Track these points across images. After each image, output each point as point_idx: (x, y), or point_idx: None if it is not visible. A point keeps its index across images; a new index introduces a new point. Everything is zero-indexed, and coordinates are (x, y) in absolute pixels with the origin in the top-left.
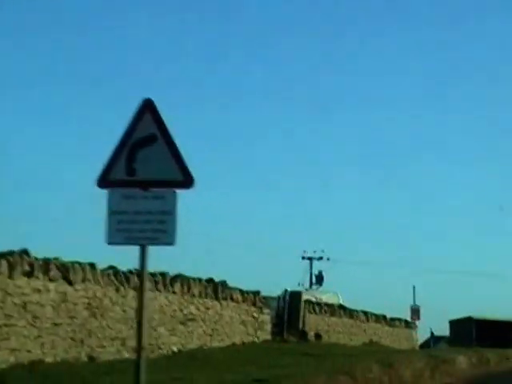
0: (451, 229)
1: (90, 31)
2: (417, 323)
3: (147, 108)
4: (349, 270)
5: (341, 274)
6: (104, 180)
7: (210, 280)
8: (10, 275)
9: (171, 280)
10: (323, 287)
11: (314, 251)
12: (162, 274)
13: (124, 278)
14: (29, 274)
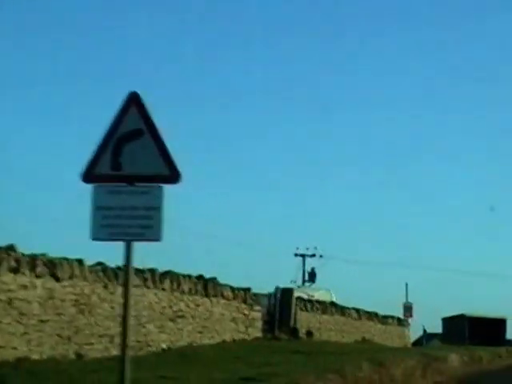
0: (444, 227)
1: (90, 31)
2: (409, 321)
3: (133, 101)
4: (342, 268)
5: (334, 271)
6: (89, 175)
7: (200, 277)
8: None
9: (160, 276)
10: (316, 284)
11: (306, 248)
12: (151, 270)
13: (112, 275)
14: (15, 270)
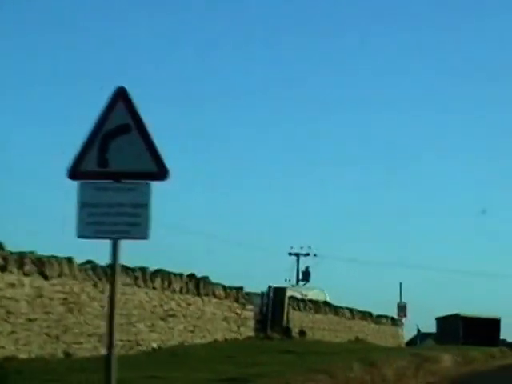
0: (440, 227)
1: (89, 31)
2: (403, 320)
3: (120, 97)
4: (336, 267)
5: (328, 270)
6: (75, 171)
7: (191, 275)
8: None
9: (151, 275)
10: (310, 284)
11: (301, 247)
12: (141, 268)
13: (102, 273)
14: (2, 268)
